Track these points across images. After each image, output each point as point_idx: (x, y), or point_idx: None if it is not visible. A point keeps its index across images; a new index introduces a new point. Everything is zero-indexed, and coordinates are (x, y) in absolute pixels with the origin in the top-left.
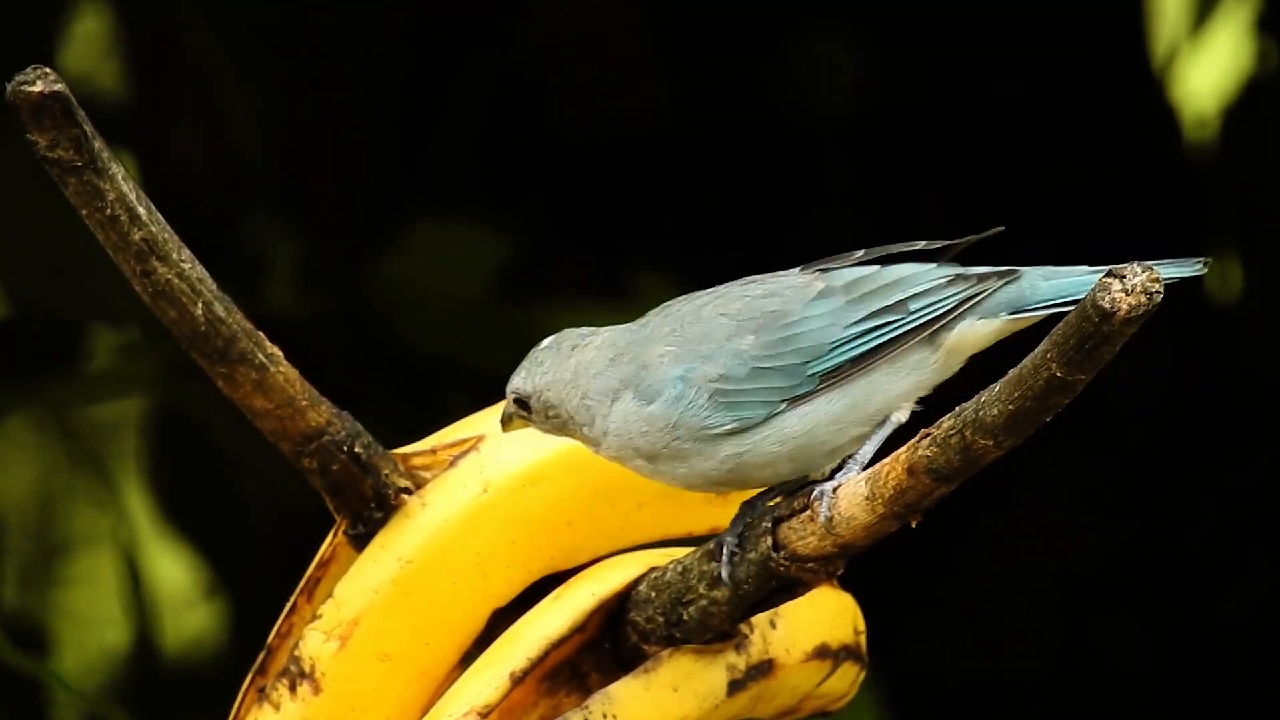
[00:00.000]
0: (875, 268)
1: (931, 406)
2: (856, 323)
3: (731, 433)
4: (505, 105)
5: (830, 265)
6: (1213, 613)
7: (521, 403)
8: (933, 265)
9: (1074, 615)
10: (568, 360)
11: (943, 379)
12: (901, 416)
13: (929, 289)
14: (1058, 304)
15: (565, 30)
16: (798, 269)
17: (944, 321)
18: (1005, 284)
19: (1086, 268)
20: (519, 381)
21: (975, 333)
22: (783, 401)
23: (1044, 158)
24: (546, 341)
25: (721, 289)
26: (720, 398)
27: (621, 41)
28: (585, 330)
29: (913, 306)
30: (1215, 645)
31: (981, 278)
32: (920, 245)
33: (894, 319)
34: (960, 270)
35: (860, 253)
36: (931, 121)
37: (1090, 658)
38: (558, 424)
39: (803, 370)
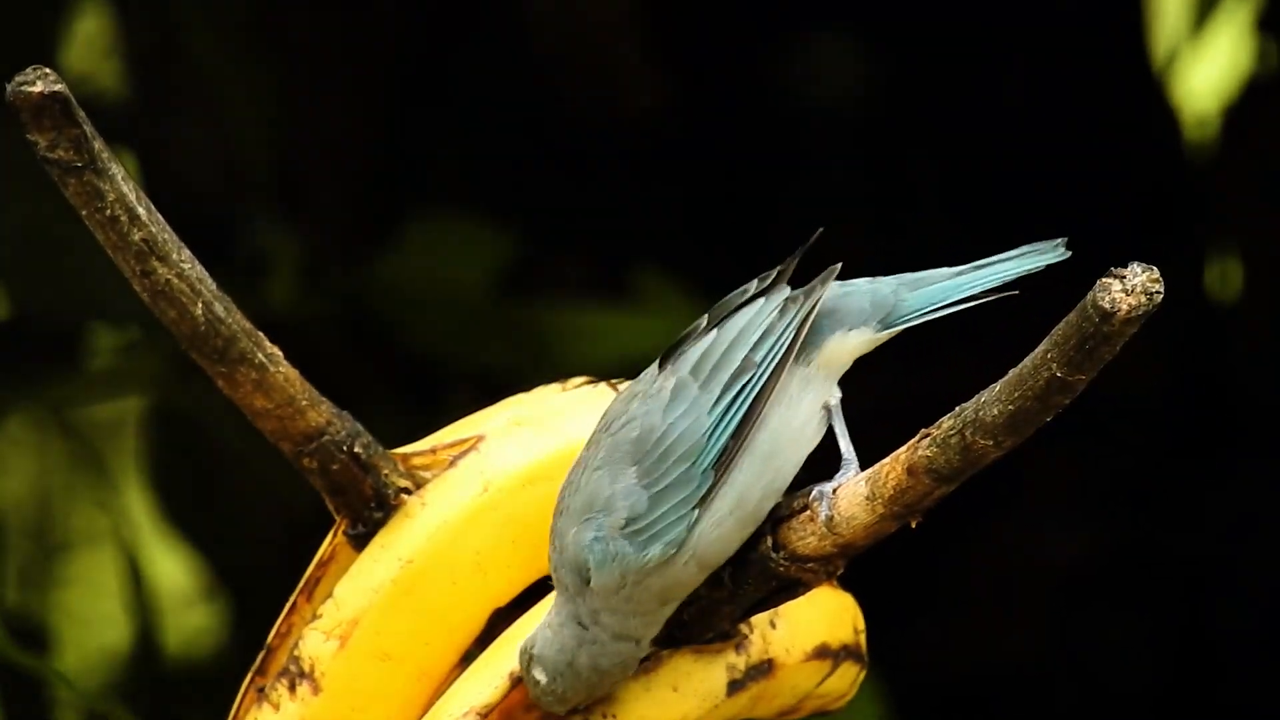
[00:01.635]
0: (713, 334)
1: (932, 407)
2: (716, 402)
3: (668, 560)
4: (505, 104)
5: (679, 348)
6: (1212, 613)
7: (551, 693)
8: (761, 301)
9: (1074, 615)
10: (555, 637)
11: (838, 378)
12: (834, 400)
13: (765, 331)
14: (928, 312)
15: (566, 29)
16: (655, 365)
17: (792, 351)
18: (820, 295)
19: (949, 269)
20: (538, 676)
21: (846, 346)
22: (694, 509)
23: (1044, 157)
24: (525, 641)
25: (584, 453)
26: (638, 537)
27: (623, 40)
28: (547, 637)
29: (757, 358)
30: (1215, 645)
31: (807, 291)
32: (753, 288)
33: (747, 379)
34: (788, 293)
35: (703, 320)
36: (931, 121)
37: (1090, 658)
38: (595, 681)
39: (695, 472)
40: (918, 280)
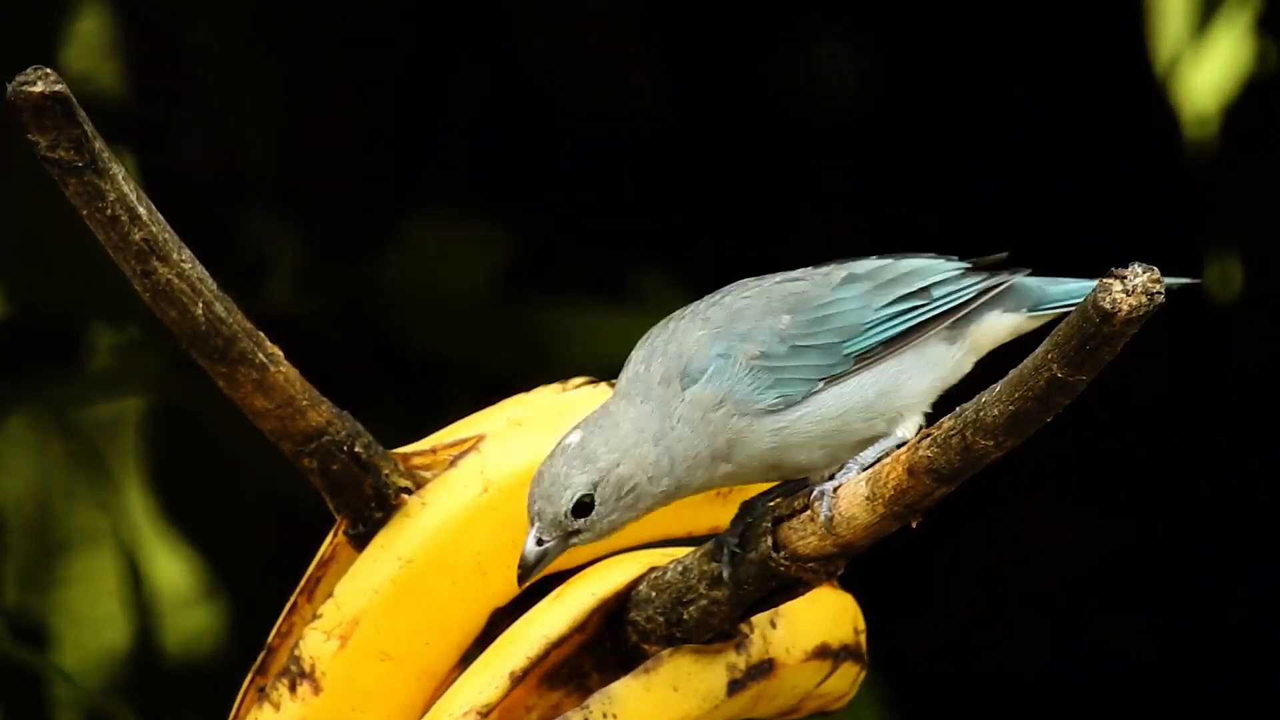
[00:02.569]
0: (890, 259)
1: (931, 408)
2: (886, 305)
3: (773, 410)
4: (506, 103)
5: (836, 261)
6: (1213, 613)
7: (582, 507)
8: (944, 259)
9: (1074, 615)
10: (617, 430)
11: (957, 378)
12: (908, 431)
13: (948, 278)
14: (1071, 304)
15: (566, 28)
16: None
17: (967, 310)
18: (1013, 280)
19: (1089, 281)
20: (581, 479)
21: (999, 326)
22: (820, 380)
23: (1044, 157)
24: (573, 438)
25: (737, 285)
26: (762, 374)
27: (623, 39)
28: (596, 412)
29: (935, 294)
30: (1215, 645)
31: (993, 272)
32: (930, 256)
33: (920, 304)
34: (971, 264)
35: (873, 257)
36: (932, 120)
37: (1090, 658)
38: (629, 503)
39: (839, 349)
40: (1060, 280)
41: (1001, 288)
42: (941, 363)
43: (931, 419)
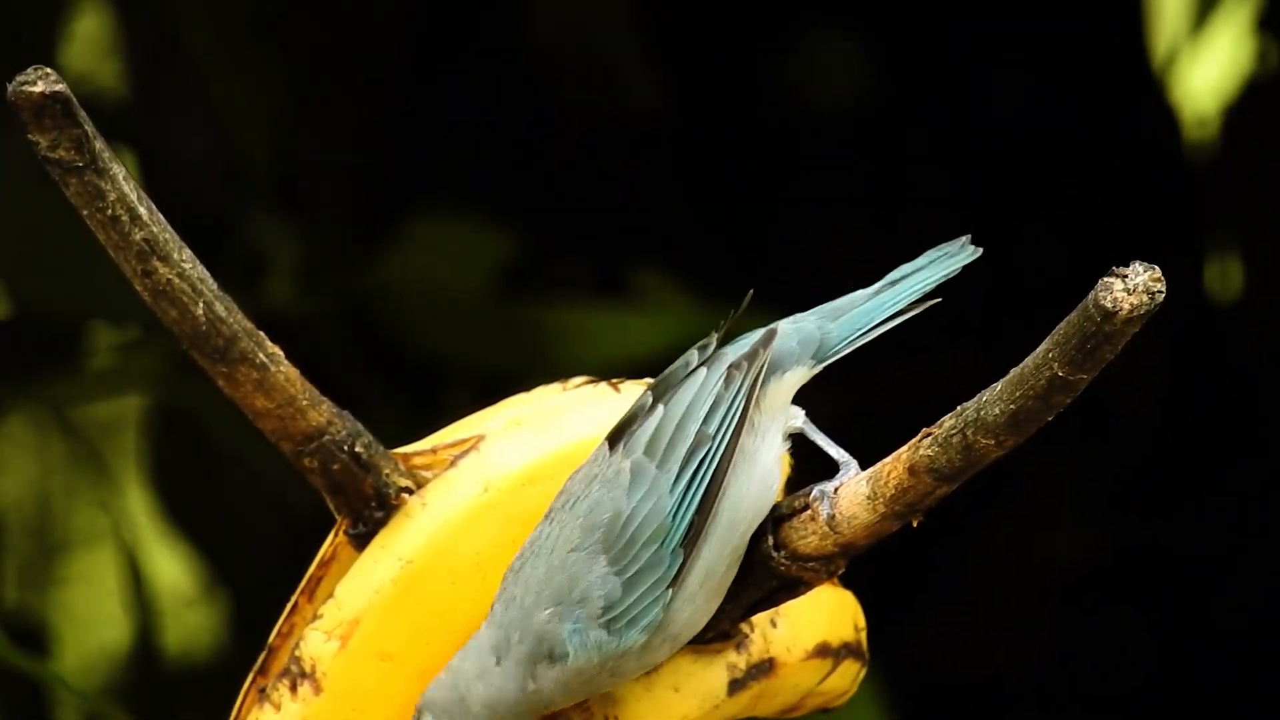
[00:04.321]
0: (660, 411)
1: (932, 408)
2: (675, 480)
3: (648, 641)
4: (505, 103)
5: (628, 428)
6: (1212, 613)
7: None
8: (702, 370)
9: (1074, 614)
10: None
11: (781, 445)
12: (797, 422)
13: (715, 401)
14: (857, 339)
15: (565, 27)
16: (604, 444)
17: (744, 419)
18: (771, 348)
19: (865, 291)
20: None
21: (784, 387)
22: (667, 589)
23: (1044, 157)
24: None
25: (545, 528)
26: (615, 624)
27: (621, 38)
28: (441, 679)
29: (710, 430)
30: (1215, 645)
31: (749, 356)
32: (694, 359)
33: (704, 453)
34: (730, 359)
35: (647, 397)
36: (931, 120)
37: (1090, 657)
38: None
39: (663, 553)
40: (837, 310)
41: (762, 371)
42: (761, 436)
43: (929, 420)
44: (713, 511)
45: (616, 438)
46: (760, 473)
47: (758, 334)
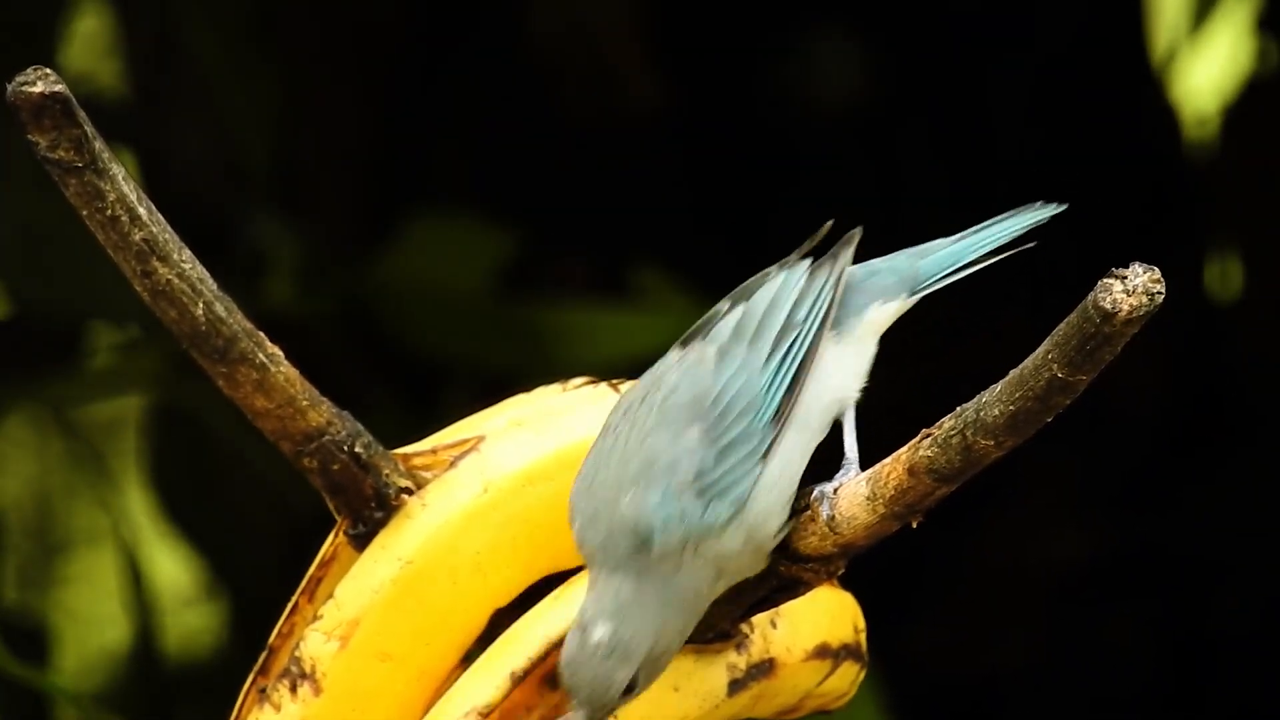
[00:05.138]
0: (742, 307)
1: (932, 408)
2: (768, 359)
3: (727, 524)
4: (506, 103)
5: (704, 328)
6: (1212, 613)
7: (629, 690)
8: (781, 273)
9: (1074, 615)
10: (635, 612)
11: (868, 362)
12: (851, 400)
13: (800, 295)
14: (949, 275)
15: (565, 26)
16: (674, 350)
17: (831, 309)
18: (851, 243)
19: (946, 239)
20: (623, 674)
21: (882, 316)
22: (759, 462)
23: (1043, 157)
24: (600, 633)
25: (617, 420)
26: (706, 494)
27: (622, 37)
28: (603, 596)
29: (799, 317)
30: (1215, 645)
31: (832, 257)
32: (773, 271)
33: (794, 336)
34: (809, 264)
35: (723, 304)
36: (931, 121)
37: (1090, 657)
38: (664, 662)
39: (755, 426)
40: (922, 251)
41: (844, 269)
42: (842, 361)
43: (929, 420)
44: (800, 394)
45: (688, 340)
46: (844, 377)
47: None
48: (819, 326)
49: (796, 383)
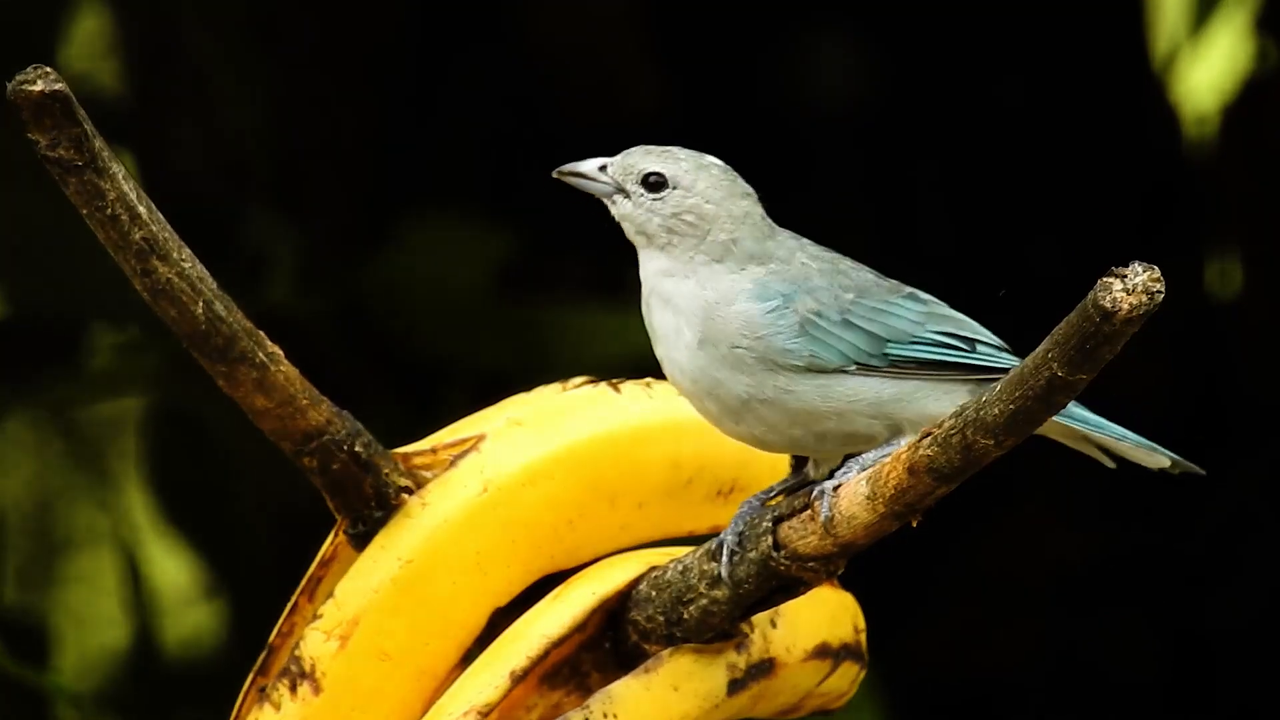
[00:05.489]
0: (942, 303)
1: None
2: (936, 333)
3: (797, 369)
4: (504, 102)
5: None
6: (1211, 613)
7: (655, 184)
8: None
9: (1073, 615)
10: (739, 200)
11: None
12: (913, 437)
13: (992, 344)
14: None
15: (565, 27)
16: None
17: (992, 375)
18: None
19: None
20: (669, 167)
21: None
22: (854, 363)
23: (1044, 157)
24: (712, 160)
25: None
26: (809, 328)
27: (621, 38)
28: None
29: (980, 349)
30: (1213, 646)
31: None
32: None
33: (964, 348)
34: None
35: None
36: (931, 121)
37: (1089, 658)
38: (678, 229)
39: (882, 344)
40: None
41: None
42: (952, 402)
43: None
44: (920, 376)
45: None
46: (943, 407)
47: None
48: (977, 368)
49: (929, 367)
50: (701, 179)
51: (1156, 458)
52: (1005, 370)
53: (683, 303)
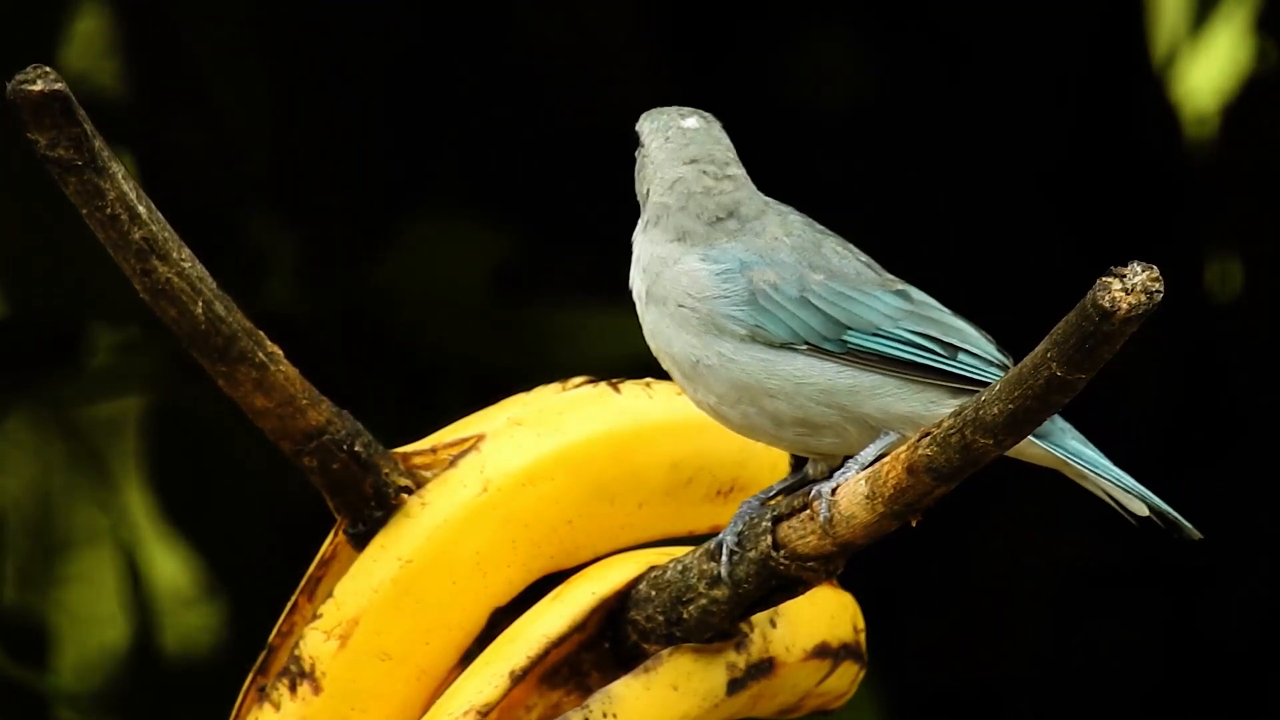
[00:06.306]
0: (947, 310)
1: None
2: (910, 332)
3: (740, 337)
4: (505, 103)
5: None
6: (1211, 613)
7: (635, 143)
8: (989, 339)
9: (1073, 615)
10: (677, 166)
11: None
12: (906, 432)
13: (980, 355)
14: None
15: (565, 27)
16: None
17: (974, 389)
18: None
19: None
20: (645, 126)
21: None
22: (805, 342)
23: (1044, 157)
24: (688, 122)
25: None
26: (760, 298)
27: (621, 39)
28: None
29: (961, 358)
30: (1213, 645)
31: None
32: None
33: (941, 354)
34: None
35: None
36: (932, 120)
37: (1089, 657)
38: (641, 188)
39: (840, 329)
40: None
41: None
42: (925, 409)
43: None
44: (884, 373)
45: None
46: (906, 411)
47: None
48: (955, 376)
49: (894, 366)
50: (655, 141)
51: (1137, 504)
52: (986, 384)
53: (642, 258)
